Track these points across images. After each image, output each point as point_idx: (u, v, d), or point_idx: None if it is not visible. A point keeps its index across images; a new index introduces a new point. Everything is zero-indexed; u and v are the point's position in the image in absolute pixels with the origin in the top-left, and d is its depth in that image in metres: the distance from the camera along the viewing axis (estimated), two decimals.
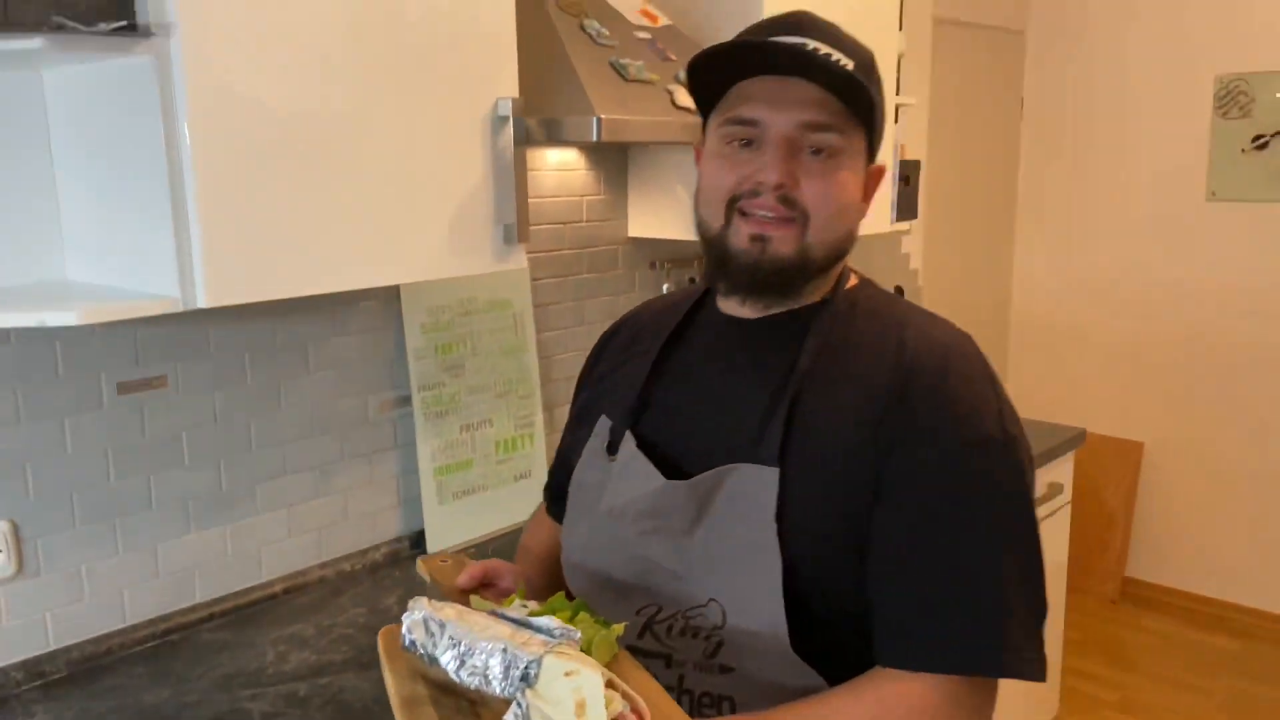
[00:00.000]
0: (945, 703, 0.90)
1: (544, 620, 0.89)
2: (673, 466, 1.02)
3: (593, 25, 1.75)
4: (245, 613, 1.69)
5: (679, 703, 0.93)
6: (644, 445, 1.06)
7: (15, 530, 1.45)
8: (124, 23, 1.14)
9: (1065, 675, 3.23)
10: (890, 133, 2.45)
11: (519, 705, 0.81)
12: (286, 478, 1.75)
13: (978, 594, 0.91)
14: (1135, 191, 3.87)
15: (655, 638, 1.00)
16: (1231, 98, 3.62)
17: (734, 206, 0.98)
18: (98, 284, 1.38)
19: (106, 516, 1.53)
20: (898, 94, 2.55)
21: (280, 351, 1.71)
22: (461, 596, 1.09)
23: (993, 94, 3.93)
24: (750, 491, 0.96)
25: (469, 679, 0.85)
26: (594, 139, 1.57)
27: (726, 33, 2.05)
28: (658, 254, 2.36)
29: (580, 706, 0.79)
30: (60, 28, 1.10)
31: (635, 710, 0.81)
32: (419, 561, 1.21)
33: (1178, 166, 3.76)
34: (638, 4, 1.97)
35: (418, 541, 1.94)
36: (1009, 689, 0.98)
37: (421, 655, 0.89)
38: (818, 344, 1.00)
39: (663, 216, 2.27)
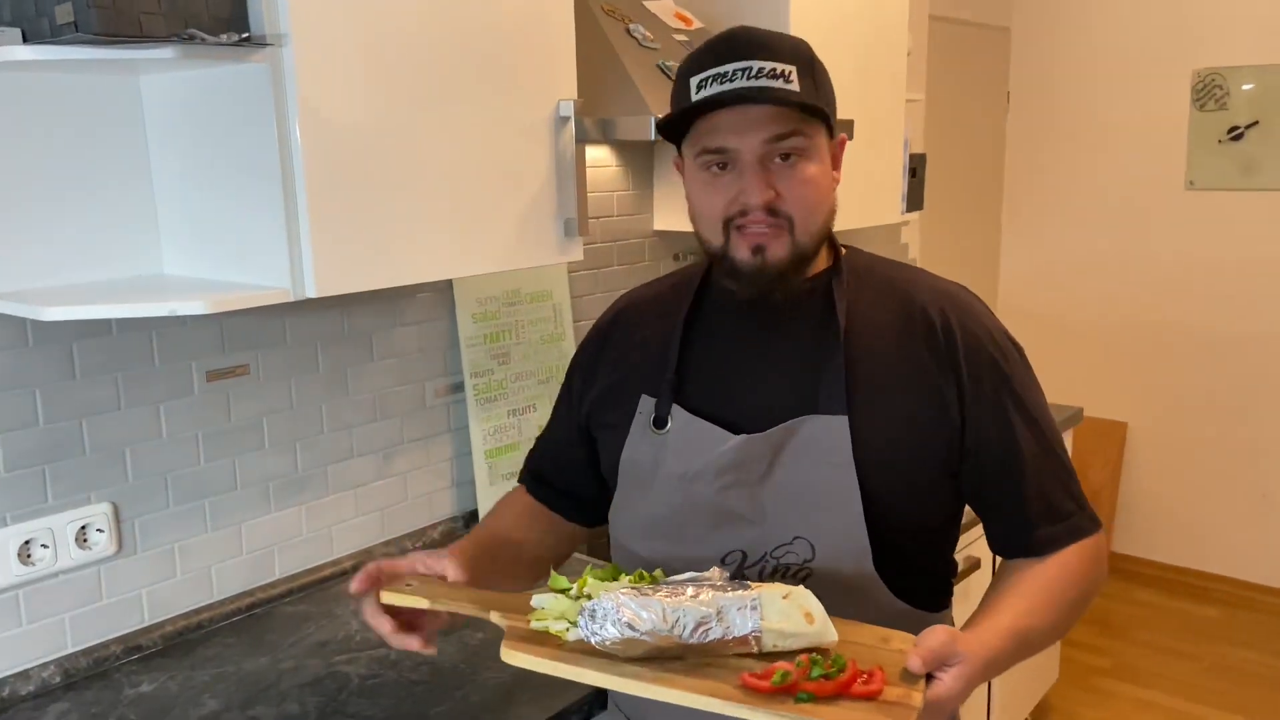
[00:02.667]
0: (1082, 563, 1.13)
1: (708, 573, 1.02)
2: (728, 427, 1.14)
3: (638, 30, 1.86)
4: (321, 588, 1.79)
5: None
6: (693, 413, 1.16)
7: (116, 512, 1.53)
8: (245, 34, 1.24)
9: (1061, 645, 3.39)
10: (900, 127, 2.58)
11: (756, 633, 0.95)
12: (353, 460, 1.85)
13: (1065, 478, 1.14)
14: (1116, 181, 4.04)
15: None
16: (1208, 90, 3.79)
17: (730, 225, 1.10)
18: (193, 277, 1.47)
19: (197, 497, 1.63)
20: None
21: (347, 341, 1.81)
22: (456, 589, 1.09)
23: (980, 88, 4.07)
24: (822, 438, 1.09)
25: (704, 636, 0.94)
26: (651, 138, 1.67)
27: None
28: (681, 246, 2.47)
29: (808, 616, 0.96)
30: (191, 39, 1.19)
31: None
32: (384, 594, 1.08)
33: (1157, 157, 3.93)
34: (670, 8, 2.08)
35: (471, 520, 2.05)
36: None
37: (641, 637, 0.93)
38: (845, 305, 1.14)
39: (685, 210, 2.38)
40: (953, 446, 1.12)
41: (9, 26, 1.22)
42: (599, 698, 1.41)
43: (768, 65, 1.05)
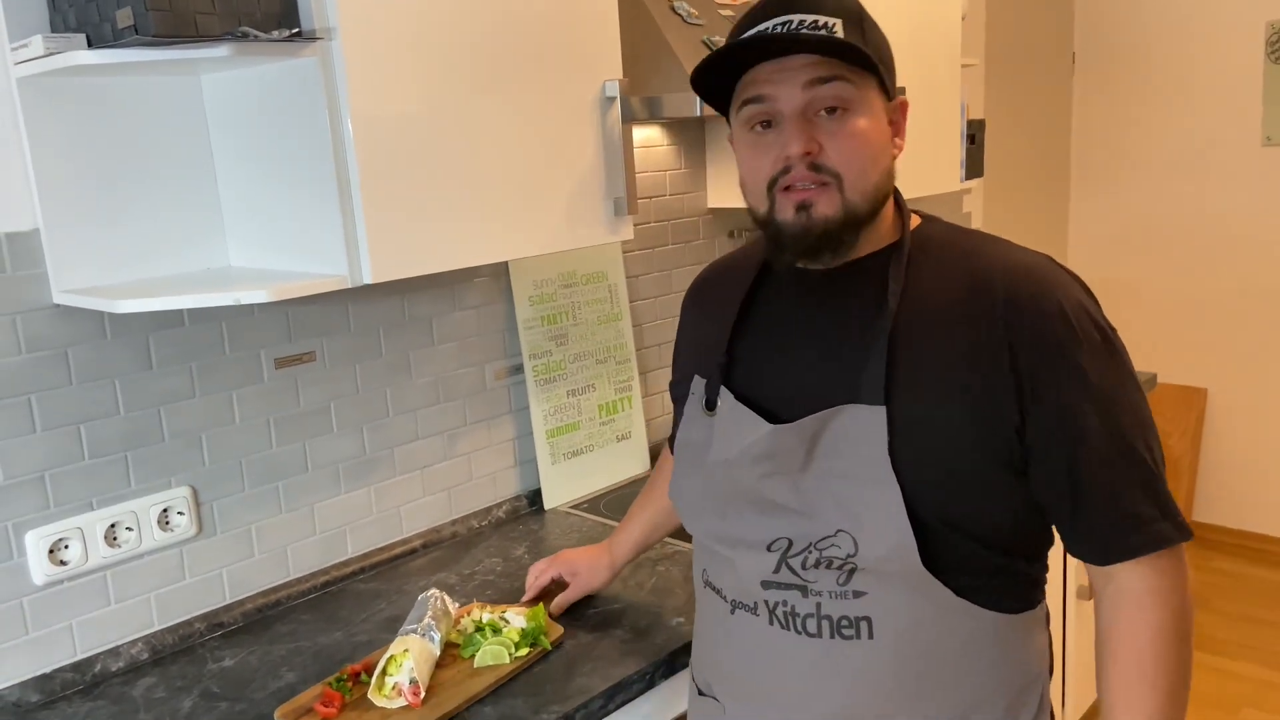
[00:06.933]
0: (1163, 579, 1.05)
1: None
2: (770, 414, 1.09)
3: (682, 6, 1.86)
4: (392, 565, 1.85)
5: (820, 625, 1.07)
6: (739, 398, 1.13)
7: (195, 495, 1.60)
8: (296, 30, 1.28)
9: None
10: (957, 93, 2.54)
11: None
12: (419, 442, 1.90)
13: (1146, 478, 1.03)
14: (1189, 140, 3.91)
15: (791, 570, 1.08)
16: None
17: (774, 188, 1.04)
18: (258, 268, 1.53)
19: (270, 480, 1.69)
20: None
21: (409, 326, 1.86)
22: None
23: (1044, 50, 3.98)
24: (858, 430, 1.03)
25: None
26: (697, 114, 1.68)
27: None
28: (735, 223, 2.47)
29: (392, 659, 1.36)
30: (245, 36, 1.24)
31: (414, 687, 1.33)
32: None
33: (1232, 114, 3.80)
34: None
35: (535, 499, 2.09)
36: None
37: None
38: (900, 286, 1.06)
39: (739, 187, 2.39)
40: (1010, 441, 1.02)
41: (75, 32, 1.28)
42: (664, 667, 1.44)
43: (808, 18, 0.99)
